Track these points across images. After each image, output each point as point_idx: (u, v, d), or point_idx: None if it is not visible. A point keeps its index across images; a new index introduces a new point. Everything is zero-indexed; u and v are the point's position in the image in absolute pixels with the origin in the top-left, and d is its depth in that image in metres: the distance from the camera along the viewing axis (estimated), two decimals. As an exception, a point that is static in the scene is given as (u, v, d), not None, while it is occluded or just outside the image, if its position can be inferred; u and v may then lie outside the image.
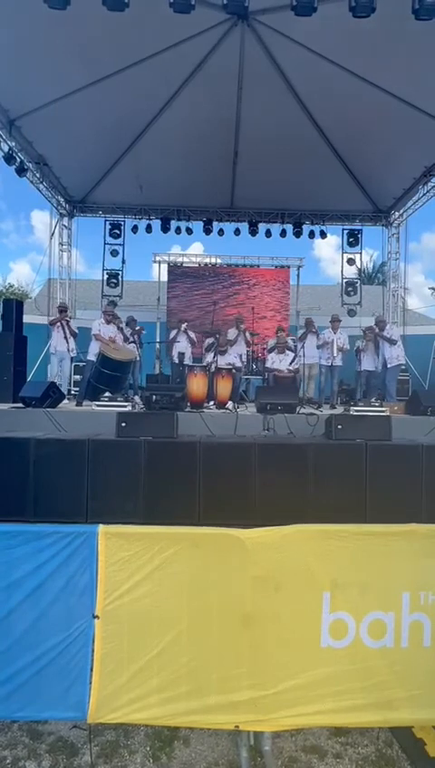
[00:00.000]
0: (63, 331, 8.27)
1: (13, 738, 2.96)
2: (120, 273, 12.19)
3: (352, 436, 4.80)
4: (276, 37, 7.06)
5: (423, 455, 4.65)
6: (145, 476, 4.48)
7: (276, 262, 12.72)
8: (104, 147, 9.62)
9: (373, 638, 2.54)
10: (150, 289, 14.52)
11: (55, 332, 8.35)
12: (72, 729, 2.97)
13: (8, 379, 7.84)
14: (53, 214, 11.51)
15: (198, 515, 4.39)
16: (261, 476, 4.51)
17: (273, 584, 2.53)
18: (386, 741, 2.98)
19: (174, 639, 2.50)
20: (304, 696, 2.49)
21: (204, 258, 13.46)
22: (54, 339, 8.38)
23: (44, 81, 7.52)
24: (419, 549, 2.61)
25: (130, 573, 2.51)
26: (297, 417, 5.65)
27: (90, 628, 2.49)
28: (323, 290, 19.26)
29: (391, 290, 12.40)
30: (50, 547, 2.52)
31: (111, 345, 7.72)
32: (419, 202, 10.64)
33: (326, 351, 8.43)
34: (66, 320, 8.41)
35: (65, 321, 8.37)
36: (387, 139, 8.81)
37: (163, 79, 7.92)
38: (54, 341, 8.37)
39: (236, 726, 2.52)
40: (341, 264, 12.39)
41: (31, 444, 4.49)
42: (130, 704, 2.47)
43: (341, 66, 7.34)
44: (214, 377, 7.16)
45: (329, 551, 2.58)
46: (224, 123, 8.84)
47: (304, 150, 9.35)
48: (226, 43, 7.26)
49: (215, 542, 2.58)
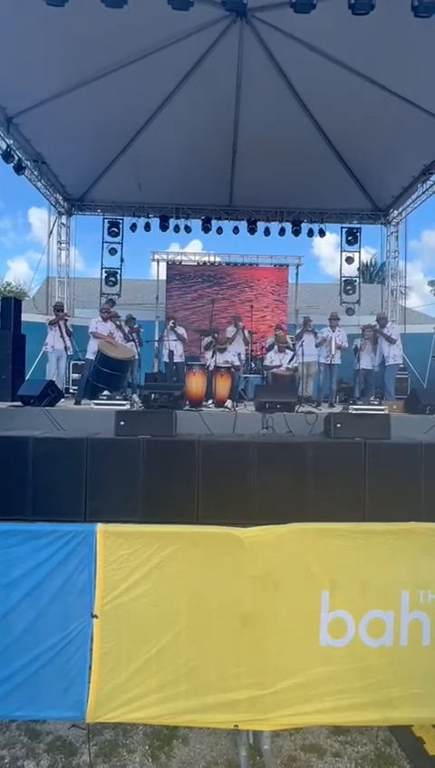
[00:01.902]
0: (60, 330, 8.24)
1: (11, 737, 2.96)
2: (118, 271, 12.15)
3: (351, 434, 4.80)
4: (275, 34, 7.03)
5: (422, 453, 4.65)
6: (144, 475, 4.47)
7: (275, 260, 12.70)
8: (102, 144, 9.59)
9: (373, 636, 2.53)
10: (149, 287, 14.49)
11: (52, 331, 8.30)
12: (71, 728, 2.97)
13: (6, 377, 7.82)
14: (51, 212, 11.49)
15: (196, 514, 4.39)
16: (260, 475, 4.51)
17: (272, 583, 2.53)
18: (385, 739, 2.98)
19: (173, 638, 2.50)
20: (303, 695, 2.48)
21: (203, 257, 13.45)
22: (51, 337, 8.32)
23: (42, 79, 7.49)
24: (418, 547, 2.61)
25: (128, 572, 2.51)
26: (296, 416, 5.65)
27: (88, 628, 2.49)
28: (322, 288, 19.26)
29: (390, 288, 12.40)
30: (48, 546, 2.51)
31: (109, 342, 7.70)
32: (418, 200, 10.63)
33: (325, 349, 8.43)
34: (65, 318, 8.39)
35: (62, 320, 8.34)
36: (386, 137, 8.79)
37: (161, 76, 7.89)
38: (51, 340, 8.31)
39: (236, 725, 2.52)
40: (340, 263, 12.39)
41: (29, 443, 4.48)
42: (129, 703, 2.46)
43: (340, 63, 7.31)
44: (213, 375, 7.15)
45: (328, 549, 2.57)
46: (222, 121, 8.82)
47: (302, 148, 9.33)
48: (224, 41, 7.23)
49: (214, 540, 2.58)
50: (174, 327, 9.09)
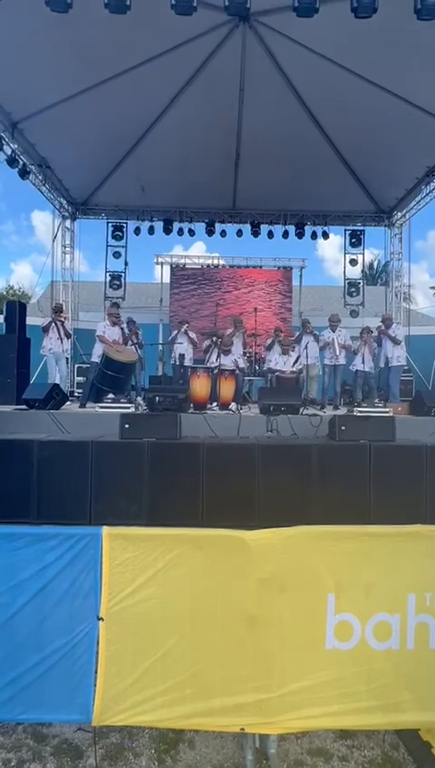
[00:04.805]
0: (58, 332, 8.21)
1: (17, 740, 2.95)
2: (122, 274, 12.19)
3: (355, 436, 4.79)
4: (278, 38, 7.05)
5: (427, 455, 4.63)
6: (149, 478, 4.48)
7: (279, 263, 12.73)
8: (106, 149, 9.63)
9: (379, 639, 2.52)
10: (153, 290, 14.54)
11: (49, 334, 8.23)
12: (77, 731, 2.96)
13: (12, 381, 7.86)
14: (55, 216, 11.55)
15: (201, 517, 4.39)
16: (265, 478, 4.51)
17: (277, 586, 2.52)
18: (392, 744, 2.96)
19: (179, 641, 2.50)
20: (309, 699, 2.48)
21: (206, 259, 13.48)
22: (48, 340, 8.24)
23: (47, 84, 7.54)
24: (424, 550, 2.60)
25: (134, 575, 2.51)
26: (300, 418, 5.64)
27: (94, 630, 2.49)
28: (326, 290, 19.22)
29: (394, 290, 12.38)
30: (54, 549, 2.52)
31: (114, 347, 7.72)
32: (421, 202, 10.62)
33: (329, 351, 8.43)
34: (61, 320, 8.35)
35: (60, 321, 8.29)
36: (389, 139, 8.79)
37: (165, 81, 7.92)
38: (49, 342, 8.24)
39: (242, 729, 2.51)
40: (343, 265, 12.39)
41: (34, 446, 4.50)
42: (135, 706, 2.46)
43: (343, 66, 7.32)
44: (217, 378, 7.16)
45: (333, 552, 2.57)
46: (226, 124, 8.84)
47: (306, 151, 9.34)
48: (227, 45, 7.25)
49: (219, 543, 2.58)
50: (187, 331, 9.09)
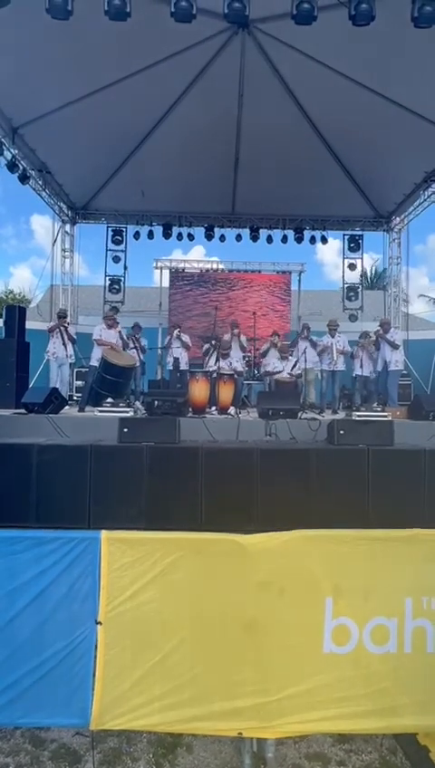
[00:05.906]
0: (62, 337, 8.23)
1: (15, 745, 2.95)
2: (122, 279, 12.22)
3: (354, 441, 4.79)
4: (277, 45, 7.11)
5: (426, 460, 4.63)
6: (147, 482, 4.47)
7: (278, 267, 12.75)
8: (106, 154, 9.69)
9: (376, 643, 2.53)
10: (152, 294, 14.56)
11: (54, 338, 8.27)
12: (75, 736, 2.96)
13: (11, 385, 7.87)
14: (55, 220, 11.59)
15: (200, 521, 4.38)
16: (263, 482, 4.50)
17: (275, 590, 2.53)
18: (390, 748, 2.96)
19: (177, 645, 2.50)
20: (307, 703, 2.48)
21: (205, 263, 13.51)
22: (52, 344, 8.27)
23: (47, 90, 7.58)
24: (421, 554, 2.61)
25: (132, 579, 2.52)
26: (299, 423, 5.65)
27: (92, 635, 2.49)
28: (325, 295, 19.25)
29: (392, 294, 12.42)
30: (52, 553, 2.53)
31: (113, 349, 7.73)
32: (419, 207, 10.67)
33: (327, 356, 8.46)
34: (64, 325, 8.39)
35: (63, 326, 8.34)
36: (387, 144, 8.85)
37: (165, 87, 7.98)
38: (53, 347, 8.27)
39: (240, 733, 2.52)
40: (342, 270, 12.43)
41: (33, 450, 4.49)
42: (133, 710, 2.46)
43: (341, 74, 7.38)
44: (216, 382, 7.17)
45: (331, 556, 2.58)
46: (225, 130, 8.89)
47: (304, 157, 9.39)
48: (226, 51, 7.31)
49: (217, 547, 2.58)
50: (179, 335, 9.12)
